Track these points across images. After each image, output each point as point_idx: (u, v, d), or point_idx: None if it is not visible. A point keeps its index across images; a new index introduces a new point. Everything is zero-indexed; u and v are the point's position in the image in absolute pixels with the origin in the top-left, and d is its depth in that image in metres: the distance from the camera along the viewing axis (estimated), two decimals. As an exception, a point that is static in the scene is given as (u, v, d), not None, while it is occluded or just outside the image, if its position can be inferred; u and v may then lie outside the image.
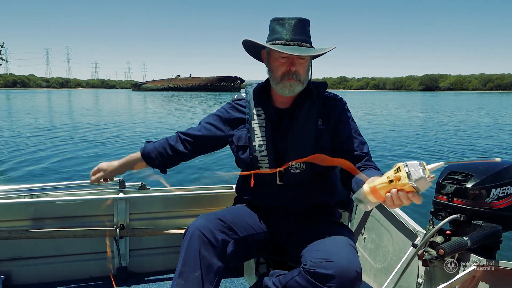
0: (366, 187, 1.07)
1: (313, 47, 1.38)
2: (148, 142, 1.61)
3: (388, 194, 1.02)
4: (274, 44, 1.33)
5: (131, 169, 1.61)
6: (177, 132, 1.60)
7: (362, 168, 1.36)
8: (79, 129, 13.14)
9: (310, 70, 1.42)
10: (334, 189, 1.53)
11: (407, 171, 0.96)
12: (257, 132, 1.43)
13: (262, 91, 1.49)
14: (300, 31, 1.34)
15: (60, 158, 7.55)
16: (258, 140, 1.42)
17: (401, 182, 0.97)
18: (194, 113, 21.81)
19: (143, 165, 1.59)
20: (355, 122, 1.48)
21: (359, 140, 1.43)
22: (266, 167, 1.42)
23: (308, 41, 1.36)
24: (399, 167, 0.99)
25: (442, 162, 1.00)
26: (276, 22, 1.36)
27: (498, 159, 1.08)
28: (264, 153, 1.42)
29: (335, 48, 1.42)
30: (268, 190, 1.45)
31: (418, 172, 0.95)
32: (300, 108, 1.42)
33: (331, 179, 1.52)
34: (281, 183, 1.43)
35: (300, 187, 1.43)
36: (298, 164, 1.40)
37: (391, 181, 1.00)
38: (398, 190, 1.00)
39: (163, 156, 1.56)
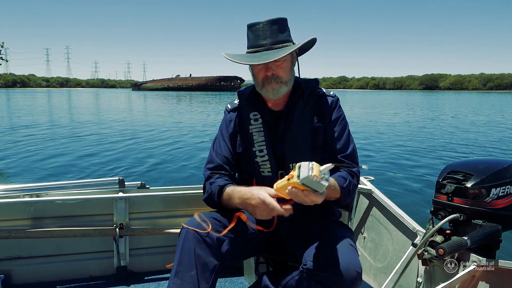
0: (274, 187, 1.16)
1: (289, 43, 1.34)
2: (221, 186, 1.39)
3: (287, 191, 1.08)
4: (248, 52, 1.35)
5: None
6: (211, 171, 1.47)
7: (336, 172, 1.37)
8: (79, 128, 13.14)
9: (294, 68, 1.41)
10: None
11: (298, 170, 1.04)
12: (256, 137, 1.42)
13: (255, 94, 1.46)
14: (270, 33, 1.31)
15: (60, 158, 7.55)
16: (258, 145, 1.42)
17: (292, 181, 1.06)
18: (195, 112, 21.81)
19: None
20: (345, 121, 1.47)
21: (344, 141, 1.42)
22: (268, 171, 1.42)
23: (281, 41, 1.33)
24: (295, 167, 1.06)
25: (331, 164, 1.07)
26: (249, 29, 1.36)
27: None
28: (265, 158, 1.41)
29: (317, 41, 1.39)
30: None
31: (305, 172, 1.02)
32: (294, 109, 1.41)
33: None
34: None
35: None
36: None
37: (288, 179, 1.08)
38: (293, 187, 1.06)
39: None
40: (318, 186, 1.04)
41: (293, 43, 1.36)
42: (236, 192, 1.31)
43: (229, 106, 1.54)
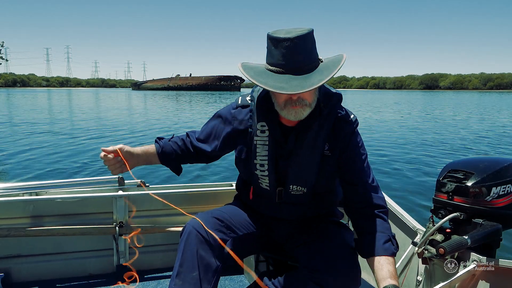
0: None
1: (318, 61, 1.18)
2: (159, 138, 1.52)
3: None
4: (270, 69, 1.16)
5: (144, 164, 1.49)
6: (187, 133, 1.52)
7: (359, 216, 1.30)
8: (79, 126, 13.14)
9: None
10: (333, 198, 1.48)
11: None
12: (260, 150, 1.32)
13: (268, 101, 1.30)
14: (298, 51, 1.11)
15: (59, 156, 7.54)
16: (260, 159, 1.33)
17: None
18: (194, 111, 21.81)
19: (156, 162, 1.49)
20: (363, 148, 1.35)
21: (365, 171, 1.31)
22: (266, 185, 1.36)
23: (309, 59, 1.14)
24: None
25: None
26: (271, 41, 1.15)
27: None
28: (265, 173, 1.34)
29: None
30: (266, 203, 1.43)
31: None
32: (308, 129, 1.27)
33: (331, 191, 1.47)
34: (280, 201, 1.38)
35: (299, 205, 1.40)
36: (298, 188, 1.33)
37: None
38: None
39: (180, 155, 1.49)
40: None
41: (320, 60, 1.19)
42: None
43: (240, 101, 1.40)
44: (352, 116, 1.33)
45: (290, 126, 1.31)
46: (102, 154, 1.41)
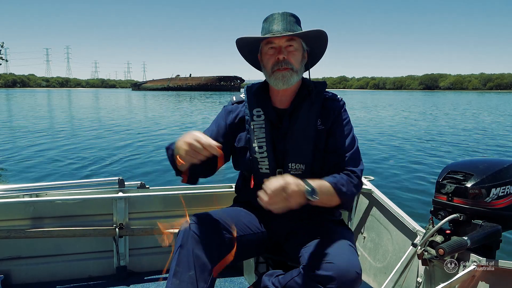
0: None
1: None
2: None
3: None
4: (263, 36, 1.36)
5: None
6: None
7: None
8: (79, 128, 13.14)
9: (303, 65, 1.41)
10: None
11: None
12: (257, 134, 1.42)
13: (261, 91, 1.48)
14: (286, 21, 1.35)
15: (60, 158, 7.54)
16: (258, 142, 1.41)
17: None
18: (195, 112, 21.81)
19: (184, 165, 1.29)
20: (350, 123, 1.45)
21: (347, 141, 1.39)
22: (266, 169, 1.41)
23: (294, 30, 1.35)
24: None
25: None
26: (265, 21, 1.40)
27: None
28: (264, 155, 1.40)
29: (328, 38, 1.41)
30: None
31: None
32: (299, 108, 1.40)
33: None
34: None
35: None
36: (297, 165, 1.39)
37: None
38: None
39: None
40: None
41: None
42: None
43: (234, 99, 1.54)
44: (338, 97, 1.47)
45: (283, 108, 1.44)
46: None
